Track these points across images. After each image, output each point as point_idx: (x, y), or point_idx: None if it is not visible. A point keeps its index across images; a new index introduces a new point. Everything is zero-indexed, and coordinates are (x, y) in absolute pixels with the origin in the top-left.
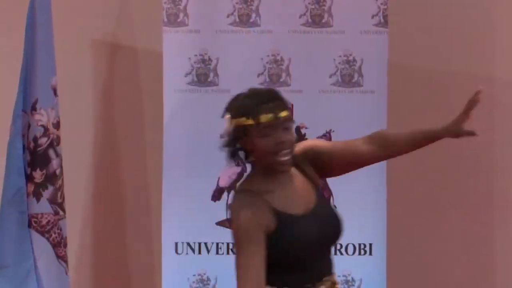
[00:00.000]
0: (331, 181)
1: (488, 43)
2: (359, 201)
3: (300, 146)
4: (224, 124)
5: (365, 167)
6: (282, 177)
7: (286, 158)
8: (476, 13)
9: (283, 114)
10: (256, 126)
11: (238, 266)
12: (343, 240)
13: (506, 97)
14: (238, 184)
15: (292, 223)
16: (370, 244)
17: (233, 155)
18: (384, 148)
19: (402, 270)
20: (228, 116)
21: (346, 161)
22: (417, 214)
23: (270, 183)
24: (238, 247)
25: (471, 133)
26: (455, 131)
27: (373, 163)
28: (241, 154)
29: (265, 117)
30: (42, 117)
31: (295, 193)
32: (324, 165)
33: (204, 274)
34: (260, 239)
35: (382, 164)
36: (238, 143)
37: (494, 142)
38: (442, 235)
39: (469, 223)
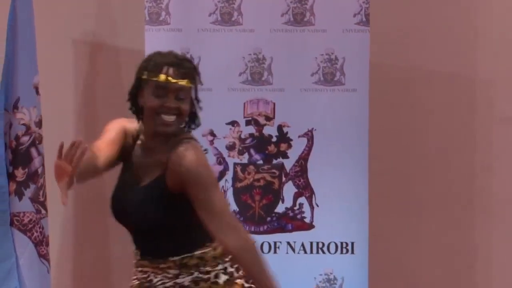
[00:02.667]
0: (314, 180)
1: (469, 42)
2: (341, 200)
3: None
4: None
5: (348, 165)
6: (148, 143)
7: (170, 120)
8: (457, 12)
9: (181, 82)
10: (150, 83)
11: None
12: (325, 238)
13: (487, 97)
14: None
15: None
16: (352, 243)
17: (132, 108)
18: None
19: (384, 269)
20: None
21: None
22: (399, 214)
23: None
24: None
25: None
26: None
27: None
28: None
29: (160, 77)
30: (24, 116)
31: (141, 166)
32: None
33: None
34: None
35: (364, 164)
36: (136, 97)
37: (475, 143)
38: (424, 235)
39: (450, 223)
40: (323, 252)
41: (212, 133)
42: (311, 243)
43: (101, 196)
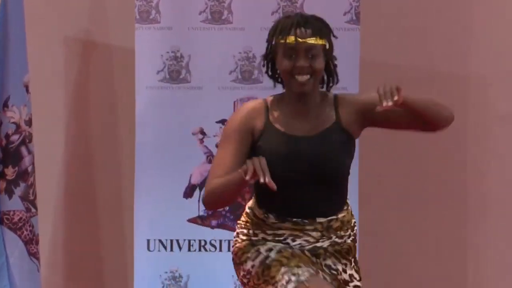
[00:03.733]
0: None
1: (461, 40)
2: None
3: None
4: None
5: None
6: (299, 106)
7: (303, 80)
8: (450, 10)
9: (310, 40)
10: (281, 46)
11: (214, 160)
12: None
13: (480, 95)
14: None
15: (273, 134)
16: None
17: (268, 71)
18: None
19: (374, 264)
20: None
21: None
22: (389, 210)
23: (285, 105)
24: (220, 142)
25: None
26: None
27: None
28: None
29: (289, 39)
30: (14, 114)
31: (300, 121)
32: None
33: (176, 271)
34: (241, 138)
35: (354, 161)
36: (273, 64)
37: (469, 140)
38: (415, 231)
39: (443, 219)
40: None
41: (202, 132)
42: None
43: (91, 195)
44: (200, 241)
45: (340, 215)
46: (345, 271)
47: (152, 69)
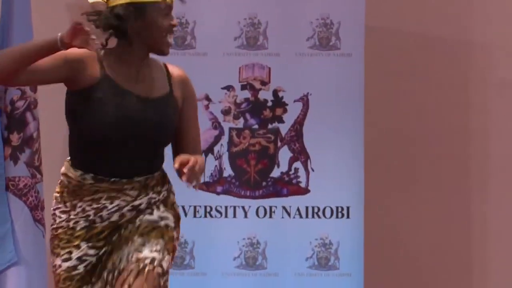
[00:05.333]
0: (309, 145)
1: (465, 6)
2: (336, 165)
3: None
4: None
5: (344, 130)
6: (141, 67)
7: (171, 40)
8: None
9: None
10: (156, 5)
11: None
12: (320, 203)
13: (483, 61)
14: None
15: (111, 86)
16: (348, 207)
17: (117, 33)
18: None
19: (379, 233)
20: None
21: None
22: (394, 178)
23: (123, 63)
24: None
25: None
26: None
27: None
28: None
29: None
30: None
31: (138, 81)
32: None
33: (182, 237)
34: (59, 65)
35: (360, 129)
36: (124, 24)
37: (471, 105)
38: (419, 200)
39: (446, 188)
40: (319, 217)
41: (207, 98)
42: (307, 207)
43: None
44: (205, 207)
45: (156, 173)
46: (151, 214)
47: None
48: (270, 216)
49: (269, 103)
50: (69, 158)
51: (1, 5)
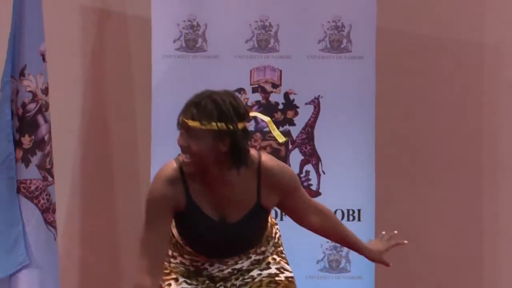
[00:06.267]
0: (320, 148)
1: (477, 7)
2: (347, 168)
3: (279, 167)
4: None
5: (355, 133)
6: (213, 180)
7: (185, 159)
8: None
9: (187, 121)
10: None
11: (141, 240)
12: (331, 205)
13: (495, 62)
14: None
15: (196, 216)
16: (359, 210)
17: None
18: (320, 228)
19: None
20: None
21: (290, 213)
22: (406, 181)
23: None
24: (145, 221)
25: (385, 263)
26: (373, 258)
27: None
28: None
29: (180, 118)
30: (31, 83)
31: (220, 198)
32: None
33: None
34: (163, 214)
35: (371, 131)
36: None
37: (483, 106)
38: (431, 201)
39: (458, 189)
40: None
41: None
42: None
43: (107, 164)
44: None
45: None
46: (268, 268)
47: (168, 38)
48: (281, 219)
49: (280, 106)
50: None
51: (13, 8)
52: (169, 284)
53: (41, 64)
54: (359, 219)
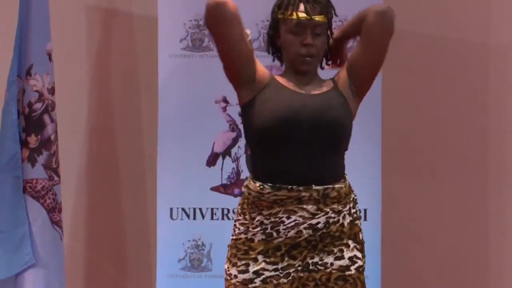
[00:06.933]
0: None
1: (483, 8)
2: (353, 167)
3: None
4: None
5: (361, 132)
6: (301, 80)
7: (308, 58)
8: None
9: (317, 18)
10: (286, 21)
11: None
12: None
13: (501, 62)
14: None
15: (278, 88)
16: (365, 210)
17: (271, 47)
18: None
19: (397, 235)
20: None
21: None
22: (412, 180)
23: (288, 79)
24: None
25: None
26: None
27: None
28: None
29: (296, 14)
30: (37, 83)
31: (303, 86)
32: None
33: (199, 239)
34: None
35: (377, 131)
36: (274, 37)
37: (489, 106)
38: (437, 201)
39: (464, 189)
40: None
41: (225, 100)
42: None
43: (114, 163)
44: (223, 209)
45: (336, 185)
46: (341, 258)
47: (175, 37)
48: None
49: None
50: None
51: (19, 7)
52: (247, 264)
53: (48, 63)
54: (365, 219)
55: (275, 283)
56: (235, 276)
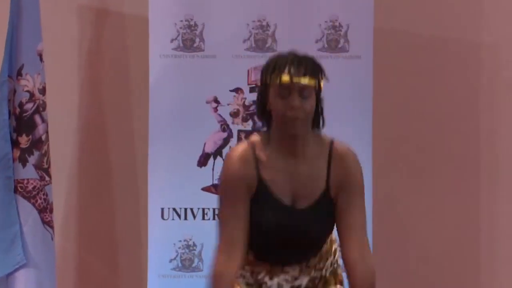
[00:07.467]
0: None
1: (475, 7)
2: None
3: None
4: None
5: (352, 132)
6: (290, 149)
7: (295, 121)
8: None
9: (303, 80)
10: (273, 85)
11: (221, 223)
12: None
13: (492, 61)
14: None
15: (266, 201)
16: None
17: (259, 113)
18: (349, 267)
19: (388, 236)
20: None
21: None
22: (403, 179)
23: (274, 149)
24: (223, 203)
25: None
26: None
27: None
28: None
29: (281, 78)
30: (28, 83)
31: (294, 177)
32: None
33: (190, 239)
34: (241, 197)
35: (368, 131)
36: (264, 102)
37: (481, 106)
38: (429, 201)
39: (455, 187)
40: None
41: (216, 100)
42: None
43: (105, 163)
44: (214, 209)
45: (318, 253)
46: None
47: (166, 38)
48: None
49: None
50: None
51: (10, 7)
52: None
53: (39, 63)
54: None
55: None
56: None
